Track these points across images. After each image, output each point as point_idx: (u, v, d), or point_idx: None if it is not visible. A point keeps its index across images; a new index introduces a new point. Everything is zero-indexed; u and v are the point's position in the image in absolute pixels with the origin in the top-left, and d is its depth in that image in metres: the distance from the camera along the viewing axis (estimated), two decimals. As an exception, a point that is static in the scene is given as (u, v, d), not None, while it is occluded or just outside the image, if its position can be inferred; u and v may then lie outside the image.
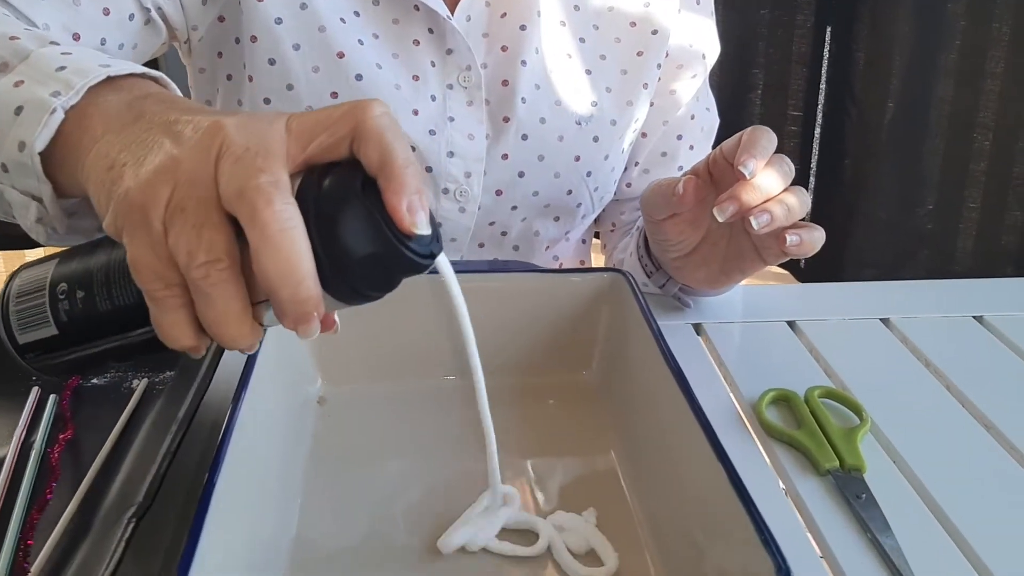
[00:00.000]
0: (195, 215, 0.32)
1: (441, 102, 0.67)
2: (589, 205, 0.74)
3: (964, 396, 0.60)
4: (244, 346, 0.34)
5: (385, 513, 0.47)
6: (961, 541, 0.47)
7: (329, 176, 0.34)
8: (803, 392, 0.58)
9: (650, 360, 0.51)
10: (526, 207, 0.71)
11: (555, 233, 0.75)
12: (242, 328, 0.33)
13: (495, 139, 0.68)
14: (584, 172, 0.71)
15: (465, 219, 0.69)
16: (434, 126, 0.66)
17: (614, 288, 0.57)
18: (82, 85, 0.39)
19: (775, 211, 0.53)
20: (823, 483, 0.51)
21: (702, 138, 0.78)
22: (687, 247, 0.63)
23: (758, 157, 0.54)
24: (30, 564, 0.42)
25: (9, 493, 0.47)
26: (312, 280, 0.32)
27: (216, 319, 0.32)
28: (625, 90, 0.71)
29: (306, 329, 0.33)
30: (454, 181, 0.68)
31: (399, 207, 0.33)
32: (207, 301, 0.32)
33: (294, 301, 0.31)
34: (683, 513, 0.44)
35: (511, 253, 0.75)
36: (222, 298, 0.32)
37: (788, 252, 0.55)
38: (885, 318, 0.69)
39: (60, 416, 0.53)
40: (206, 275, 0.32)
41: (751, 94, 1.24)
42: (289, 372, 0.53)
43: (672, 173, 0.77)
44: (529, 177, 0.70)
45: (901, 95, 1.20)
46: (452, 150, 0.67)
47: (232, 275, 0.32)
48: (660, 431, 0.48)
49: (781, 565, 0.35)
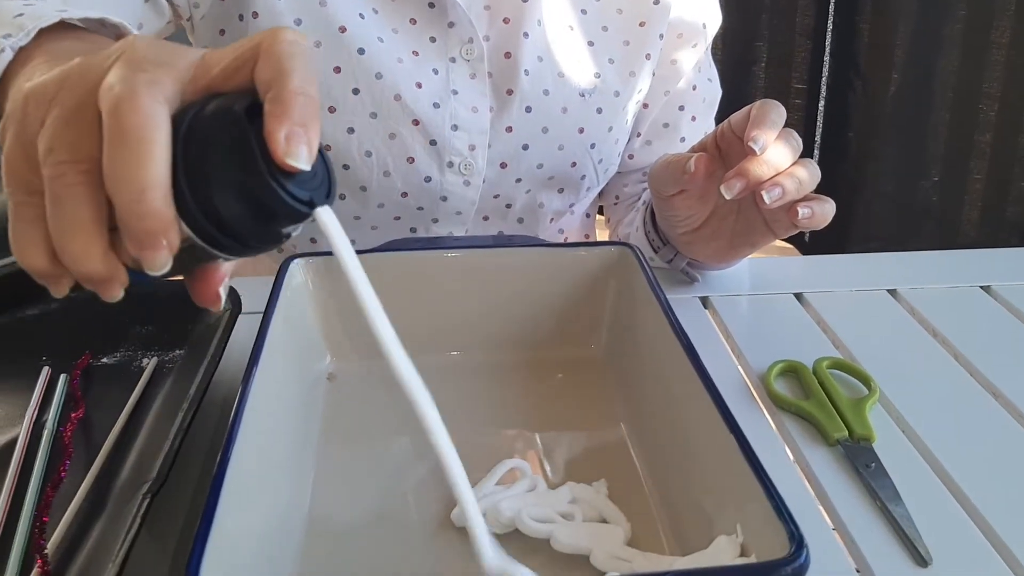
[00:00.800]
0: (69, 111, 0.29)
1: (444, 75, 0.66)
2: (594, 178, 0.74)
3: (971, 365, 0.60)
4: (95, 274, 0.30)
5: (397, 487, 0.47)
6: (971, 508, 0.47)
7: (217, 97, 0.30)
8: (811, 363, 0.58)
9: (659, 333, 0.51)
10: (530, 180, 0.71)
11: (560, 206, 0.75)
12: (90, 246, 0.29)
13: (499, 112, 0.68)
14: (588, 144, 0.71)
15: (470, 192, 0.69)
16: (438, 99, 0.66)
17: (621, 261, 0.57)
18: (33, 27, 0.40)
19: (787, 185, 0.53)
20: (832, 453, 0.51)
21: (704, 109, 0.78)
22: (696, 222, 0.62)
23: (768, 132, 0.53)
24: (46, 541, 0.42)
25: (23, 471, 0.47)
26: (160, 193, 0.28)
27: (63, 229, 0.29)
28: (628, 61, 0.71)
29: (151, 257, 0.29)
30: (459, 154, 0.67)
31: (276, 132, 0.29)
32: (57, 208, 0.29)
33: (135, 214, 0.28)
34: (694, 484, 0.44)
35: (515, 226, 0.75)
36: (72, 202, 0.29)
37: (800, 225, 0.55)
38: (892, 289, 0.69)
39: (71, 395, 0.53)
40: (61, 174, 0.29)
41: (755, 67, 1.23)
42: (299, 349, 0.53)
43: (674, 144, 0.77)
44: (533, 150, 0.69)
45: (906, 67, 1.20)
46: (456, 123, 0.67)
47: (88, 180, 0.29)
48: (670, 403, 0.48)
49: (794, 533, 0.35)
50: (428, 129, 0.66)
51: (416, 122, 0.66)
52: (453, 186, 0.68)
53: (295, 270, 0.54)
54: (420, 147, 0.66)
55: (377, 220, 0.70)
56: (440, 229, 0.72)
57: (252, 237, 0.31)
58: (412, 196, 0.68)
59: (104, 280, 0.31)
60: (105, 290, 0.31)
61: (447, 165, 0.68)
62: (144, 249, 0.29)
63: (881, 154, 1.23)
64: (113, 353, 0.56)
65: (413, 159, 0.66)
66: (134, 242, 0.29)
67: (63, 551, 0.42)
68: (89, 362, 0.56)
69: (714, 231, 0.62)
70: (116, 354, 0.56)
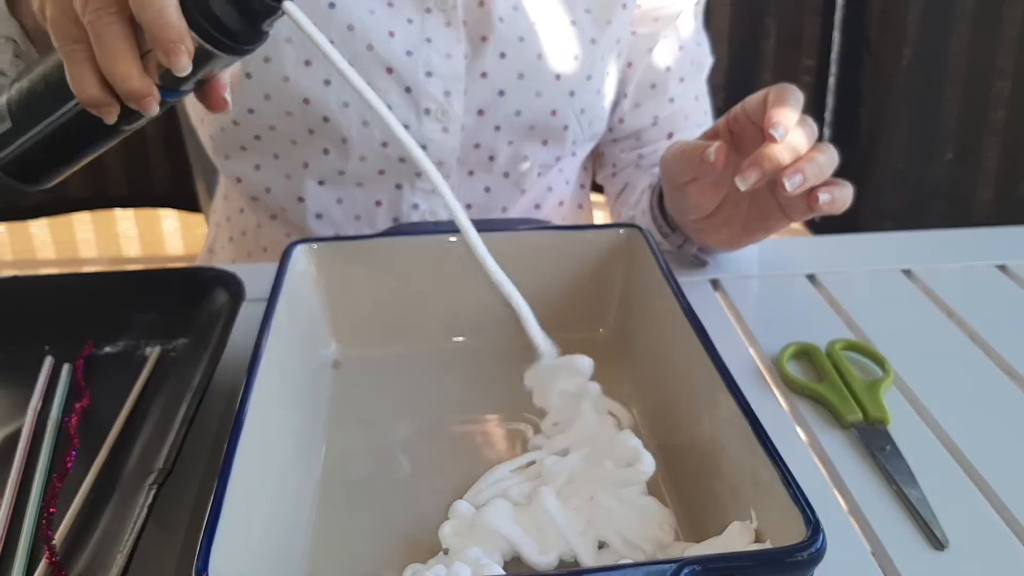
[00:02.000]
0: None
1: (419, 24, 0.67)
2: (577, 130, 0.73)
3: (988, 346, 0.59)
4: (137, 91, 0.40)
5: (404, 473, 0.47)
6: (987, 490, 0.47)
7: None
8: (824, 345, 0.57)
9: (670, 316, 0.50)
10: (510, 128, 0.71)
11: (545, 158, 0.74)
12: (130, 68, 0.40)
13: (473, 58, 0.68)
14: (567, 91, 0.71)
15: (449, 140, 0.70)
16: (411, 47, 0.67)
17: (630, 243, 0.56)
18: None
19: (807, 170, 0.52)
20: (847, 436, 0.50)
21: (692, 70, 0.78)
22: (708, 209, 0.61)
23: (788, 117, 0.53)
24: (53, 532, 0.42)
25: (28, 462, 0.47)
26: (173, 7, 0.39)
27: (107, 57, 0.39)
28: (604, 9, 0.71)
29: (176, 60, 0.39)
30: (434, 100, 0.68)
31: None
32: (100, 43, 0.39)
33: (159, 25, 0.38)
34: (707, 469, 0.43)
35: (501, 180, 0.74)
36: (111, 36, 0.39)
37: (820, 210, 0.55)
38: (907, 269, 0.68)
39: (75, 385, 0.52)
40: (98, 18, 0.39)
41: (763, 44, 1.21)
42: (303, 336, 0.52)
43: (663, 105, 0.77)
44: (510, 96, 0.70)
45: (917, 42, 1.18)
46: (430, 70, 0.67)
47: (119, 19, 0.39)
48: (681, 388, 0.48)
49: (811, 518, 0.34)
50: (402, 76, 0.67)
51: (390, 70, 0.66)
52: (431, 132, 0.69)
53: (298, 256, 0.54)
54: (395, 94, 0.67)
55: (361, 175, 0.71)
56: (424, 184, 0.72)
57: (241, 33, 0.41)
58: (392, 145, 0.69)
59: (143, 95, 0.40)
60: (145, 105, 0.41)
61: (424, 112, 0.68)
62: (171, 54, 0.39)
63: (893, 131, 1.21)
64: (115, 342, 0.56)
65: (390, 107, 0.67)
66: (163, 50, 0.39)
67: (70, 542, 0.42)
68: (92, 351, 0.55)
69: (727, 218, 0.61)
70: (118, 343, 0.56)
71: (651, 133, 0.79)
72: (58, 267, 1.53)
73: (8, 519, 0.43)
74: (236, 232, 0.80)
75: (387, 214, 0.73)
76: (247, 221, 0.79)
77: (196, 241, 1.52)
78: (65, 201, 1.25)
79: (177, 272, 0.68)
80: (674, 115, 0.78)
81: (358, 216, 0.73)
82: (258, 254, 0.79)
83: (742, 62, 1.20)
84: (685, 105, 0.78)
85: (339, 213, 0.73)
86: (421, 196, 0.72)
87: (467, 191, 0.74)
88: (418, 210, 0.73)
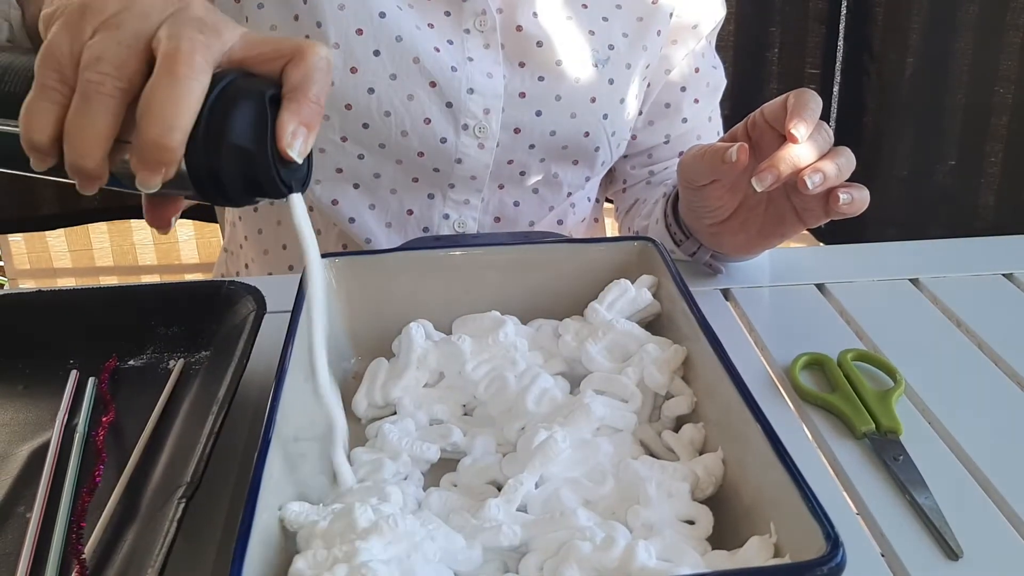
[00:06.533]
0: (126, 36, 0.35)
1: (459, 45, 0.68)
2: (607, 151, 0.75)
3: (996, 355, 0.60)
4: (87, 171, 0.35)
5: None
6: (999, 499, 0.47)
7: (252, 76, 0.37)
8: (836, 355, 0.58)
9: (685, 327, 0.51)
10: (544, 147, 0.72)
11: (575, 179, 0.76)
12: (95, 150, 0.35)
13: (512, 79, 0.70)
14: (601, 115, 0.72)
15: (484, 155, 0.71)
16: (455, 64, 0.68)
17: (644, 256, 0.57)
18: None
19: (828, 170, 0.54)
20: (860, 446, 0.51)
21: (707, 93, 0.79)
22: (724, 213, 0.62)
23: (808, 121, 0.54)
24: (83, 546, 0.43)
25: (56, 476, 0.47)
26: (182, 134, 0.34)
27: (80, 127, 0.35)
28: (640, 36, 0.73)
29: (149, 178, 0.35)
30: (473, 117, 0.69)
31: (287, 125, 0.36)
32: (83, 107, 0.34)
33: (157, 144, 0.34)
34: (725, 482, 0.44)
35: (530, 196, 0.76)
36: (98, 107, 0.34)
37: (839, 212, 0.56)
38: (914, 278, 0.69)
39: (100, 398, 0.53)
40: (101, 81, 0.34)
41: (768, 52, 1.22)
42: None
43: (676, 125, 0.78)
44: (546, 116, 0.71)
45: (920, 50, 1.18)
46: (472, 87, 0.68)
47: (121, 96, 0.35)
48: (696, 398, 0.48)
49: (830, 533, 0.35)
50: (445, 91, 0.68)
51: (433, 84, 0.67)
52: (467, 148, 0.70)
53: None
54: (436, 109, 0.68)
55: (396, 182, 0.72)
56: (456, 196, 0.73)
57: (233, 195, 0.37)
58: (428, 156, 0.70)
59: (90, 178, 0.36)
60: (85, 184, 0.36)
61: (462, 127, 0.69)
62: (147, 171, 0.35)
63: (896, 138, 1.22)
64: (139, 356, 0.57)
65: (429, 120, 0.68)
66: (142, 163, 0.35)
67: (99, 556, 0.42)
68: (116, 364, 0.56)
69: (743, 222, 0.62)
70: (142, 356, 0.57)
71: (663, 151, 0.80)
72: (75, 276, 1.53)
73: (38, 533, 0.44)
74: (252, 230, 0.81)
75: (417, 224, 0.74)
76: (263, 218, 0.79)
77: (212, 250, 1.53)
78: (81, 212, 1.27)
79: (200, 285, 0.69)
80: (686, 134, 0.79)
81: (389, 224, 0.74)
82: (276, 251, 0.79)
83: (747, 71, 1.21)
84: (698, 125, 0.79)
85: (371, 219, 0.73)
86: (452, 207, 0.73)
87: (497, 204, 0.75)
88: (448, 220, 0.74)
